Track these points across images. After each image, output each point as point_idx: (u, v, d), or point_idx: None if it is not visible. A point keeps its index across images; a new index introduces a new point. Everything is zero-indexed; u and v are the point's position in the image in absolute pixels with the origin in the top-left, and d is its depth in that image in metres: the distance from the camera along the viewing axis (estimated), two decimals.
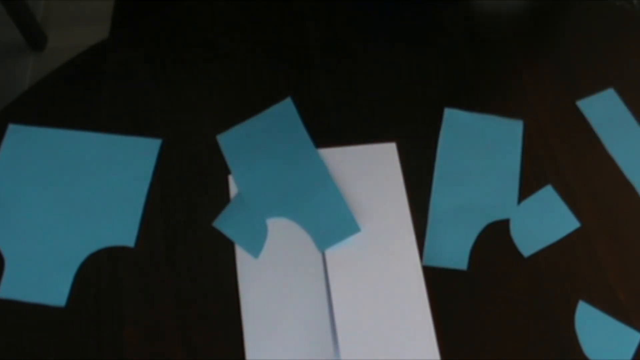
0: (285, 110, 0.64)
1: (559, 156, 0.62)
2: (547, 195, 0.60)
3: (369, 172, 0.61)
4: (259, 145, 0.62)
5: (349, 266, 0.56)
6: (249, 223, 0.58)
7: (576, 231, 0.58)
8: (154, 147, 0.63)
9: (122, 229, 0.59)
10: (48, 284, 0.56)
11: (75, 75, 0.66)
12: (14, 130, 0.64)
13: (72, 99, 0.66)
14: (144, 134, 0.63)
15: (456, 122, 0.63)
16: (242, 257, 0.57)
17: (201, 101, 0.66)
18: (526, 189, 0.60)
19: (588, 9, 0.71)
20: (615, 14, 0.71)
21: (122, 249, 0.58)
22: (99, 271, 0.57)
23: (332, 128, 0.63)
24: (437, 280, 0.56)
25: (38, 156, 0.62)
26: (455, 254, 0.57)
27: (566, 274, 0.56)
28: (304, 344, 0.53)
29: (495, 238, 0.58)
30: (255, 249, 0.57)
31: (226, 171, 0.61)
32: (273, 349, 0.53)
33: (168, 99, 0.66)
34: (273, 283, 0.56)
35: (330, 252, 0.57)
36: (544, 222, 0.59)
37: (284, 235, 0.58)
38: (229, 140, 0.63)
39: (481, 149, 0.62)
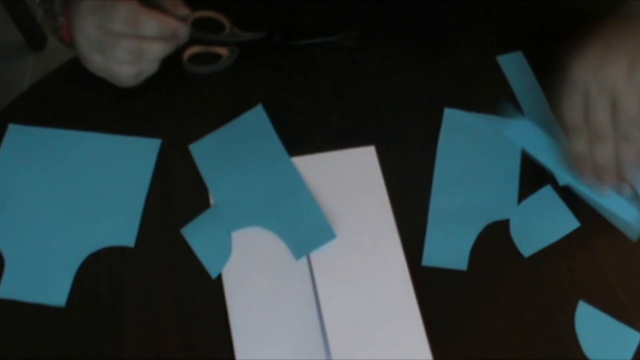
0: (256, 118, 0.63)
1: None
2: (547, 195, 0.60)
3: (350, 177, 0.60)
4: (231, 154, 0.61)
5: (335, 270, 0.56)
6: (214, 237, 0.58)
7: (576, 231, 0.58)
8: (154, 147, 0.63)
9: (122, 229, 0.59)
10: (48, 284, 0.56)
11: (75, 75, 0.66)
12: (14, 130, 0.64)
13: (72, 99, 0.66)
14: (144, 134, 0.63)
15: (456, 122, 0.63)
16: (227, 267, 0.57)
17: (201, 101, 0.66)
18: (526, 189, 0.60)
19: (587, 9, 0.71)
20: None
21: (122, 249, 0.58)
22: (99, 271, 0.57)
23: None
24: (437, 281, 0.56)
25: (38, 156, 0.62)
26: (455, 254, 0.57)
27: (566, 274, 0.56)
28: (294, 350, 0.53)
29: (495, 238, 0.58)
30: (214, 266, 0.56)
31: None
32: (263, 356, 0.53)
33: (168, 99, 0.66)
34: (260, 292, 0.55)
35: (315, 257, 0.56)
36: (544, 222, 0.59)
37: (267, 242, 0.57)
38: (201, 150, 0.62)
39: (481, 149, 0.62)
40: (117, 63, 0.60)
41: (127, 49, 0.58)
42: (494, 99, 0.64)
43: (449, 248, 0.57)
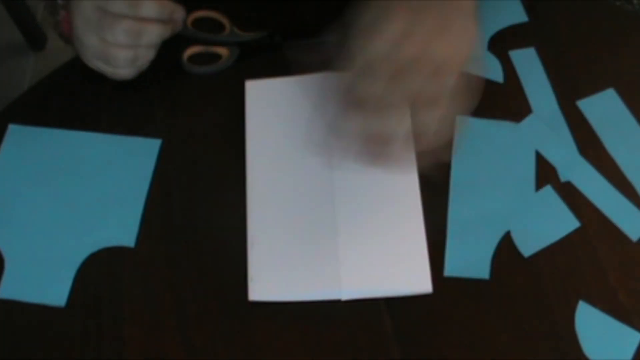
0: None
1: None
2: (547, 195, 0.60)
3: None
4: None
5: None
6: None
7: (576, 231, 0.58)
8: (154, 147, 0.63)
9: (122, 229, 0.59)
10: (48, 284, 0.56)
11: (75, 75, 0.66)
12: (14, 130, 0.64)
13: (72, 99, 0.66)
14: (144, 134, 0.63)
15: (468, 129, 0.62)
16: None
17: (201, 101, 0.66)
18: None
19: (588, 9, 0.71)
20: (615, 14, 0.71)
21: (122, 249, 0.58)
22: (99, 271, 0.57)
23: None
24: (437, 281, 0.56)
25: (38, 156, 0.62)
26: (477, 264, 0.56)
27: (566, 274, 0.56)
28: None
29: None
30: None
31: (225, 171, 0.61)
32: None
33: (168, 99, 0.66)
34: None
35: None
36: (544, 222, 0.59)
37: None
38: None
39: (496, 155, 0.61)
40: (114, 46, 0.59)
41: (126, 30, 0.58)
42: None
43: (470, 258, 0.56)
